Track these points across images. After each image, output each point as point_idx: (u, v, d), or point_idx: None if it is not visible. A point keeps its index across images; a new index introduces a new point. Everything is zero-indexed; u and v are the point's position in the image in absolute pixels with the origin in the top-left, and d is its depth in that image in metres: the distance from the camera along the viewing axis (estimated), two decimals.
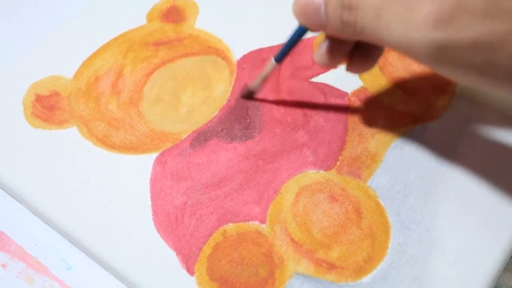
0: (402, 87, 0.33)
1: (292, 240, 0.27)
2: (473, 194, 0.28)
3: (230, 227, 0.28)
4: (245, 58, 0.35)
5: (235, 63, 0.35)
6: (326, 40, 0.27)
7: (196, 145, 0.31)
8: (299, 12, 0.25)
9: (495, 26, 0.19)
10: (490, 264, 0.26)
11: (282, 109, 0.32)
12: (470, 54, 0.20)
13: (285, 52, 0.29)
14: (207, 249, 0.27)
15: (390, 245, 0.27)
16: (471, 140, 0.30)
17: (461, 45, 0.20)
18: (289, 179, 0.29)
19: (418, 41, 0.20)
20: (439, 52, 0.20)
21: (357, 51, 0.27)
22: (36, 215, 0.30)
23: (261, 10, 0.38)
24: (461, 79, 0.22)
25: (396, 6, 0.21)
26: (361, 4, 0.22)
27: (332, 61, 0.27)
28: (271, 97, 0.33)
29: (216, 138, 0.31)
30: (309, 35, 0.27)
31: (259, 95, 0.33)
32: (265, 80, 0.31)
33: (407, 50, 0.21)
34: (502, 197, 0.28)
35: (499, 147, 0.30)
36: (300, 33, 0.28)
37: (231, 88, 0.34)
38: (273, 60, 0.30)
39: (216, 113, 0.33)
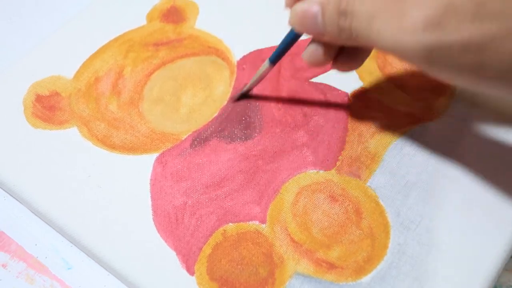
0: (402, 88, 0.33)
1: (292, 240, 0.27)
2: (473, 194, 0.28)
3: (230, 227, 0.28)
4: (245, 59, 0.35)
5: (235, 63, 0.35)
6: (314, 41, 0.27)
7: (196, 145, 0.31)
8: (297, 21, 0.26)
9: (484, 28, 0.19)
10: (490, 264, 0.26)
11: (282, 109, 0.32)
12: (460, 56, 0.20)
13: (279, 53, 0.29)
14: (207, 249, 0.27)
15: (390, 245, 0.27)
16: (471, 140, 0.30)
17: (451, 47, 0.20)
18: (289, 179, 0.29)
19: (409, 45, 0.21)
20: (430, 55, 0.21)
21: (345, 51, 0.27)
22: (36, 215, 0.30)
23: (261, 10, 0.38)
24: (453, 80, 0.22)
25: (387, 12, 0.21)
26: (356, 10, 0.23)
27: (321, 59, 0.27)
28: (271, 97, 0.33)
29: (216, 138, 0.31)
30: (304, 36, 0.27)
31: (260, 96, 0.33)
32: (259, 80, 0.32)
33: (399, 54, 0.22)
34: (501, 197, 0.28)
35: (498, 147, 0.30)
36: (295, 35, 0.28)
37: (231, 88, 0.34)
38: (267, 61, 0.30)
39: (216, 113, 0.33)
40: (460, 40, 0.20)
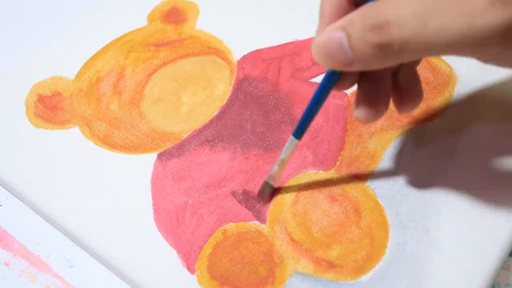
0: None
1: (292, 239, 0.28)
2: (471, 193, 0.28)
3: (231, 226, 0.28)
4: (245, 58, 0.35)
5: (235, 63, 0.35)
6: (358, 93, 0.25)
7: (197, 144, 0.31)
8: (320, 53, 0.22)
9: None
10: (488, 263, 0.26)
11: (282, 109, 0.33)
12: None
13: (305, 125, 0.26)
14: (207, 248, 0.27)
15: (389, 244, 0.27)
16: (469, 141, 0.30)
17: None
18: (289, 179, 0.30)
19: (484, 27, 0.19)
20: (509, 31, 0.19)
21: (397, 90, 0.25)
22: (38, 214, 0.31)
23: (261, 10, 0.38)
24: None
25: (447, 4, 0.19)
26: (394, 19, 0.20)
27: (374, 110, 0.25)
28: (271, 97, 0.33)
29: (216, 137, 0.32)
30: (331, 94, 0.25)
31: (260, 95, 0.33)
32: (285, 163, 0.27)
33: (470, 43, 0.19)
34: (499, 196, 0.28)
35: (497, 147, 0.30)
36: (323, 92, 0.24)
37: (231, 88, 0.34)
38: (292, 137, 0.26)
39: (216, 112, 0.33)
40: None
